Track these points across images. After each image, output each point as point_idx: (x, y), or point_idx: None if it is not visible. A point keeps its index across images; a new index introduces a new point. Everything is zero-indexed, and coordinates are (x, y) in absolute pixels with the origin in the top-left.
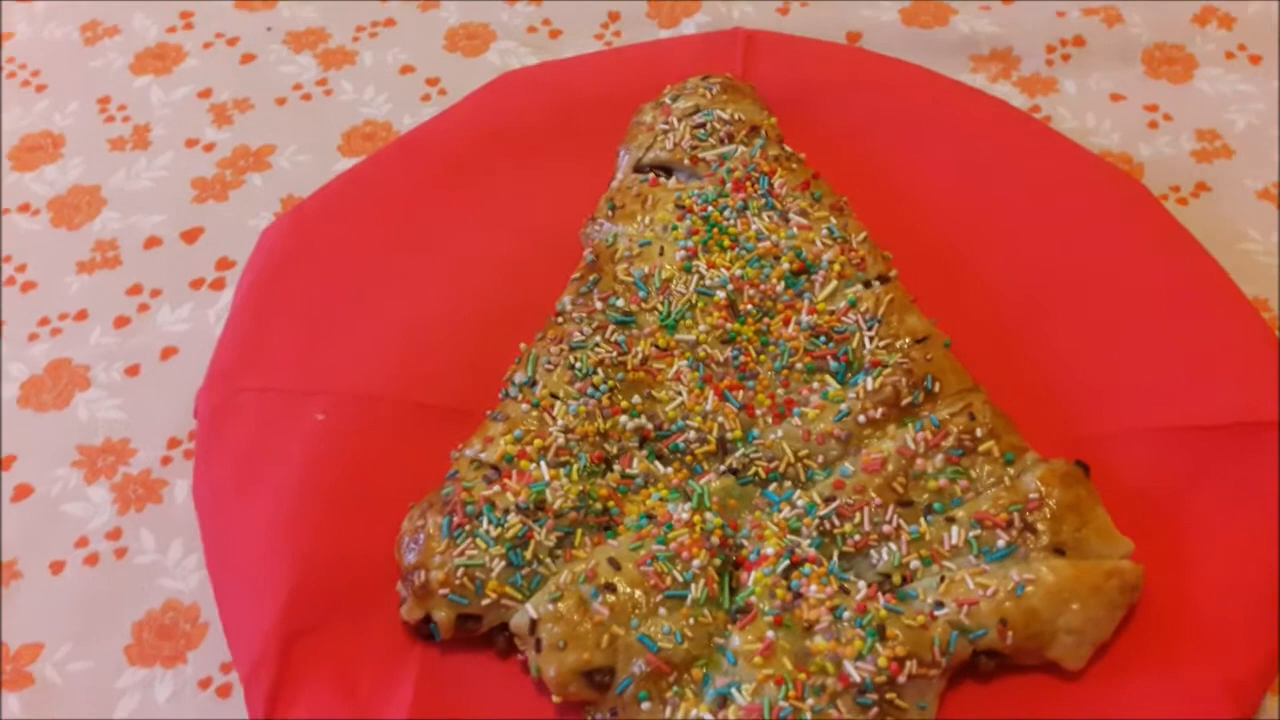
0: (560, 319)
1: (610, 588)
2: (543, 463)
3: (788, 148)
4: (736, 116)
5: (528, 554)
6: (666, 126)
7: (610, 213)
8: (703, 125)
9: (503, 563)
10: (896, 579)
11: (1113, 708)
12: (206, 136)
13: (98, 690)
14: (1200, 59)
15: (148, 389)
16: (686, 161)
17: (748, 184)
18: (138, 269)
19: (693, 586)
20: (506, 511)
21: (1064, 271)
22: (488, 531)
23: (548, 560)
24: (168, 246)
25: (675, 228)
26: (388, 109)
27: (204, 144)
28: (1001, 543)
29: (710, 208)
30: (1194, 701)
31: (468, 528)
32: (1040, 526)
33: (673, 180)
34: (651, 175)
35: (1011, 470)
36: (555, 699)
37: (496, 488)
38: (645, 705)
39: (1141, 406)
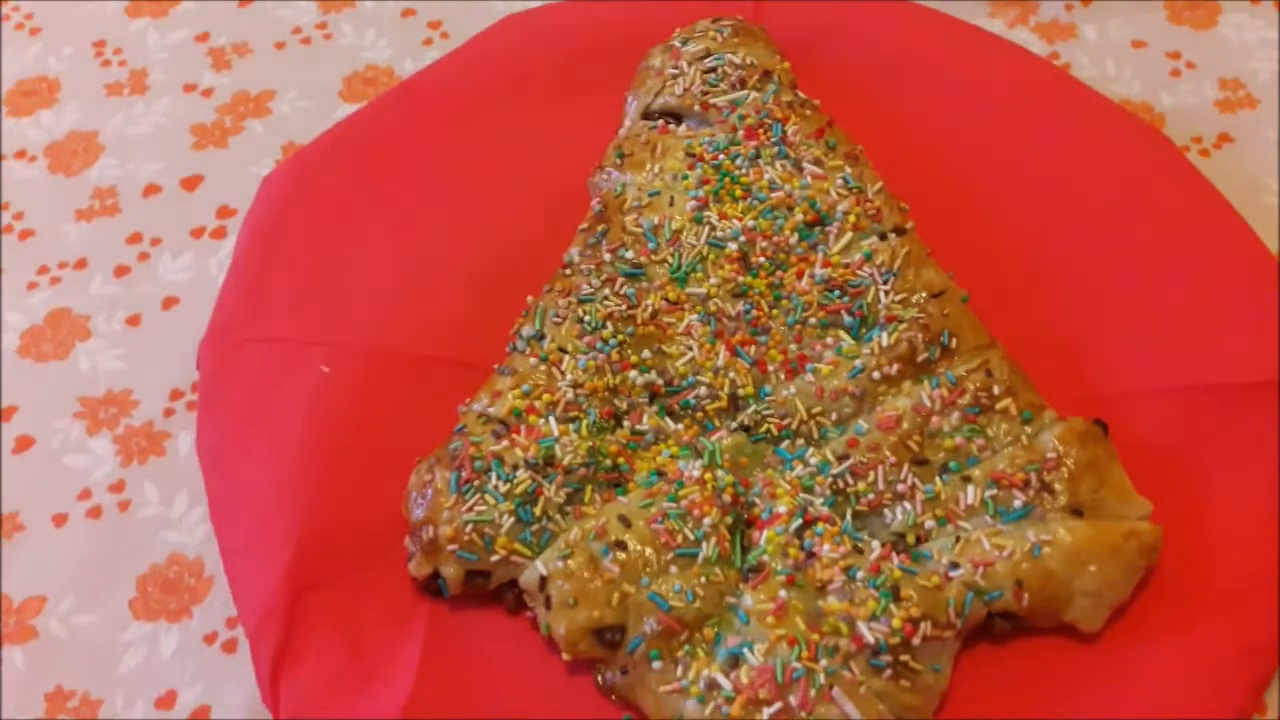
0: (568, 271)
1: (621, 545)
2: (551, 418)
3: (801, 94)
4: (748, 61)
5: (537, 510)
6: (676, 71)
7: (618, 161)
8: (713, 70)
9: (512, 519)
10: (911, 539)
11: (1129, 671)
12: (205, 81)
13: (102, 644)
14: (1224, 4)
15: (149, 339)
16: (697, 108)
17: (760, 131)
18: (137, 217)
19: (704, 544)
20: (515, 467)
21: (1083, 224)
22: (496, 487)
23: (557, 517)
24: (167, 194)
25: (685, 177)
26: (389, 53)
27: (202, 89)
28: (1018, 503)
29: (721, 156)
30: (1210, 665)
31: (476, 483)
32: (1058, 487)
33: (683, 127)
34: (661, 122)
35: (1029, 429)
36: (565, 657)
37: (505, 443)
38: (656, 664)
39: (1161, 364)
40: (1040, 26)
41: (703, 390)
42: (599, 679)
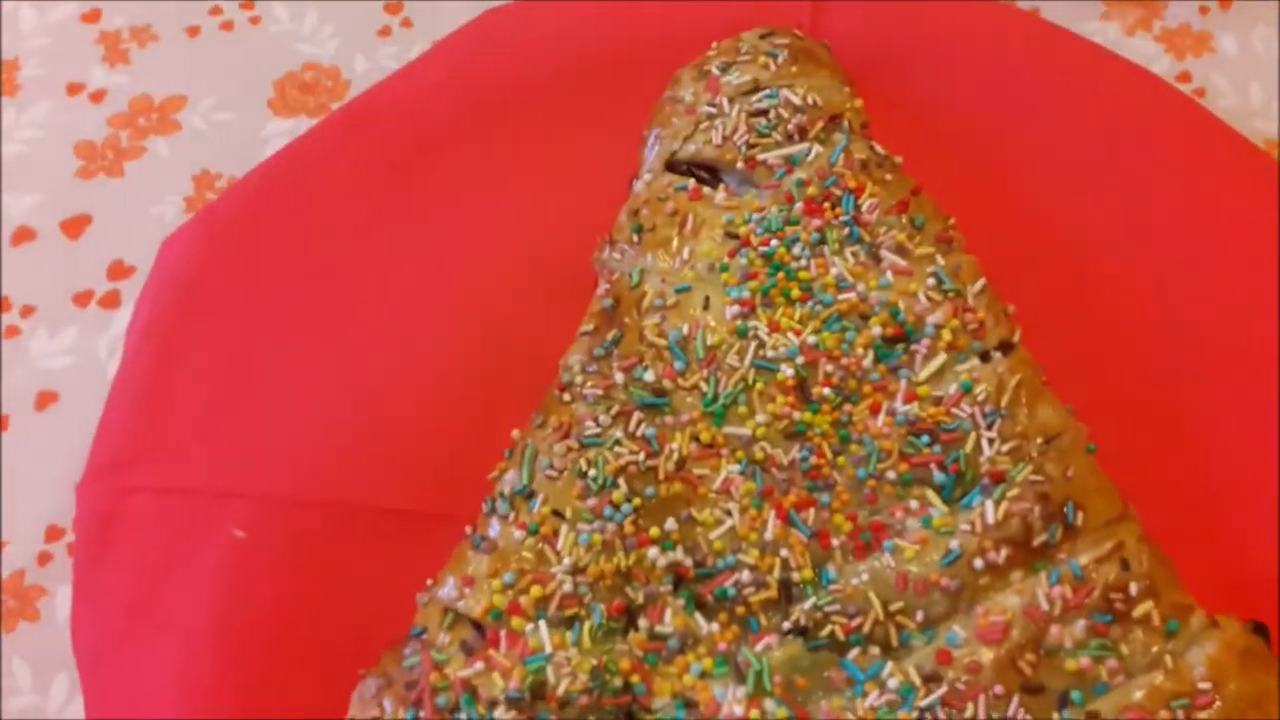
0: (566, 395)
1: None
2: (542, 623)
3: (879, 147)
4: (811, 100)
5: None
6: (714, 109)
7: (635, 236)
8: (764, 113)
9: None
10: None
11: None
12: (95, 80)
13: None
14: None
15: (18, 453)
16: (740, 164)
17: (826, 205)
18: (5, 273)
19: None
20: (493, 704)
21: (1224, 325)
22: None
23: None
24: (44, 241)
25: (725, 267)
26: (334, 46)
27: (91, 90)
28: None
29: (774, 240)
30: None
31: None
32: None
33: (720, 191)
34: (691, 181)
35: (1172, 643)
36: None
37: (479, 665)
38: None
39: None
40: (1166, 34)
41: (745, 575)
42: None
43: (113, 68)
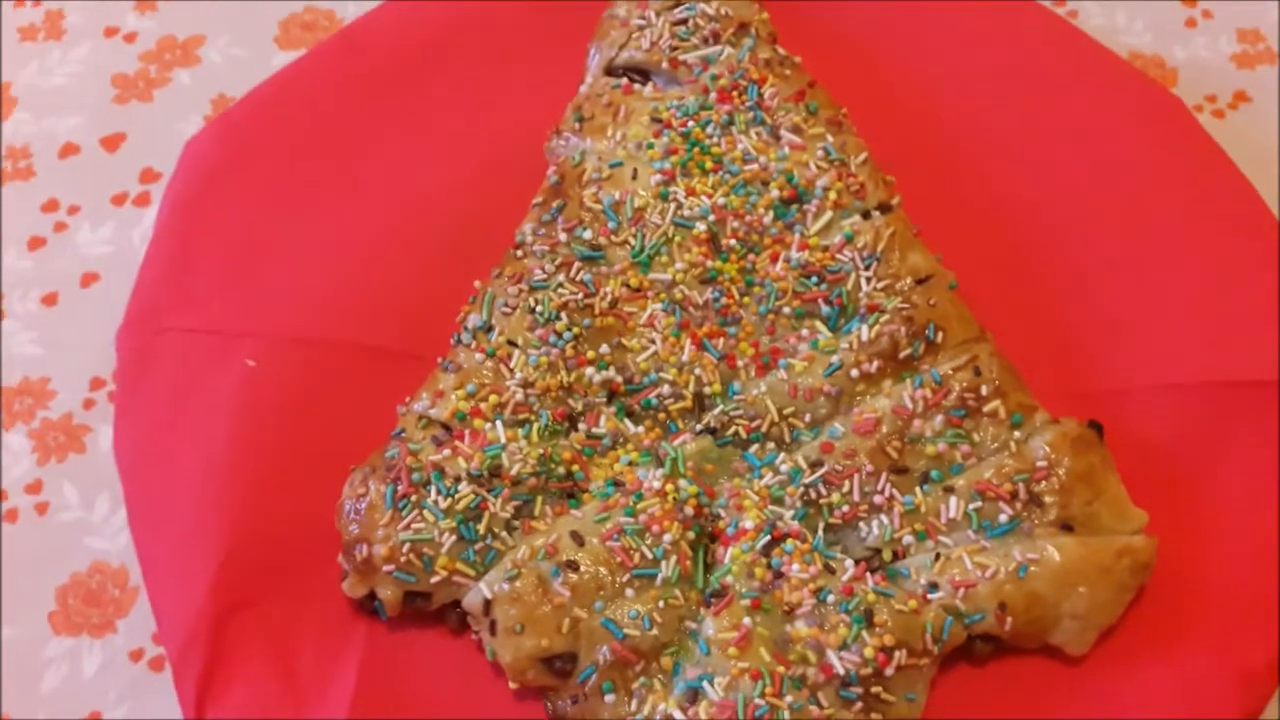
0: (520, 252)
1: (572, 566)
2: (498, 422)
3: (781, 49)
4: (723, 12)
5: (481, 527)
6: (643, 22)
7: (577, 125)
8: (684, 21)
9: (453, 537)
10: (887, 555)
11: (1116, 695)
12: (128, 24)
13: (21, 661)
14: None
15: (67, 321)
16: (665, 64)
17: (734, 94)
18: (54, 181)
19: (663, 564)
20: (458, 479)
21: (1083, 198)
22: (436, 502)
23: (504, 534)
24: (86, 154)
25: (651, 145)
26: None
27: (124, 33)
28: (1004, 517)
29: (691, 122)
30: (1204, 691)
31: (414, 498)
32: (1047, 499)
33: (649, 87)
34: (625, 80)
35: (1018, 433)
36: (512, 685)
37: (446, 451)
38: (609, 697)
39: (1162, 357)
40: None
41: (665, 389)
42: (548, 707)
43: (142, 15)
